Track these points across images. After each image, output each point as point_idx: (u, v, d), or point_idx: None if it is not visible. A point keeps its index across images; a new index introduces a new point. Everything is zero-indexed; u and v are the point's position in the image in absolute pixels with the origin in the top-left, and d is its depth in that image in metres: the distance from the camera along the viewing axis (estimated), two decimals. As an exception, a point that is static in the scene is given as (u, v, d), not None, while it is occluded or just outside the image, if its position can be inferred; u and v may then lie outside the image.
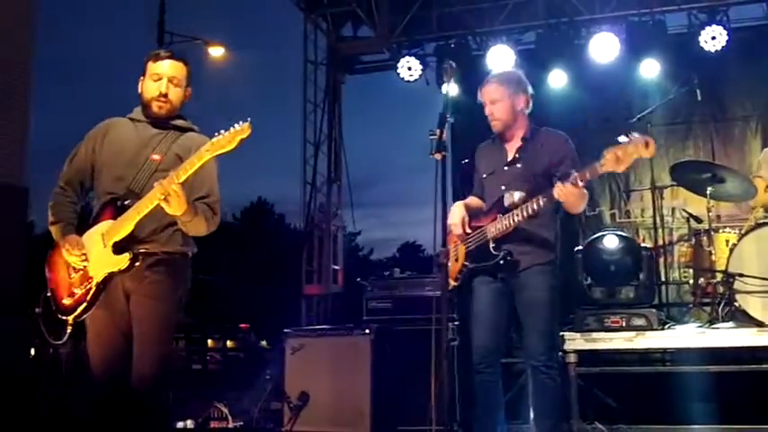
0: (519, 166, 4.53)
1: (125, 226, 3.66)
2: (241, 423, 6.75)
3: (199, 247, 3.97)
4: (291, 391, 6.36)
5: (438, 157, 3.75)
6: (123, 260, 3.64)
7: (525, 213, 4.27)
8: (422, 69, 10.49)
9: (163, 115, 3.88)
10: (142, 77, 3.93)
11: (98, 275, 3.67)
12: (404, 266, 7.21)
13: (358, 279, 6.99)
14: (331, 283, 11.13)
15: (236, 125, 3.45)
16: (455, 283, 4.59)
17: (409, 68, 10.49)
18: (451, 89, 4.18)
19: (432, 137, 3.81)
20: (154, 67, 3.88)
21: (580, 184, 4.01)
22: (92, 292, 3.67)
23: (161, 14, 12.67)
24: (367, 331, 6.30)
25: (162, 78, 3.86)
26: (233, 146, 3.45)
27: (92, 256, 3.70)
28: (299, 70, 11.54)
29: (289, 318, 11.15)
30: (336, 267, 11.33)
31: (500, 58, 9.79)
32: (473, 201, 4.78)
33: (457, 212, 4.60)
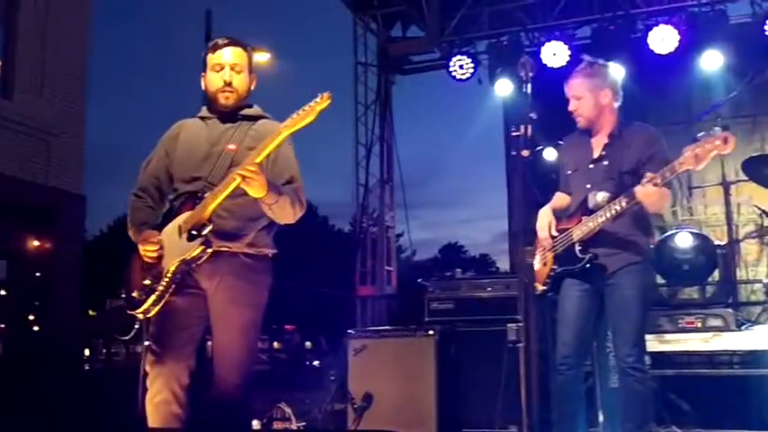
0: (605, 163, 4.34)
1: (202, 212, 3.50)
2: (304, 424, 6.64)
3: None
4: (355, 392, 6.25)
5: (525, 154, 3.56)
6: (195, 246, 3.48)
7: (609, 215, 4.11)
8: (473, 68, 10.32)
9: (230, 106, 3.73)
10: (203, 73, 3.79)
11: (171, 266, 3.54)
12: (445, 268, 7.08)
13: (419, 280, 6.86)
14: (385, 284, 11.02)
15: (315, 98, 3.28)
16: (544, 288, 4.42)
17: (461, 67, 10.33)
18: (506, 86, 3.94)
19: (515, 134, 3.63)
20: (214, 58, 3.73)
21: (658, 183, 3.84)
22: (163, 284, 3.54)
23: (207, 24, 12.68)
24: (431, 332, 6.17)
25: (224, 67, 3.71)
26: (312, 118, 3.28)
27: (167, 249, 3.58)
28: (348, 73, 11.49)
29: (340, 319, 11.07)
30: (389, 269, 11.23)
31: (554, 54, 9.57)
32: (561, 200, 4.58)
33: (543, 217, 4.43)
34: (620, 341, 4.19)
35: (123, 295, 3.69)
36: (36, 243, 10.61)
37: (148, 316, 3.58)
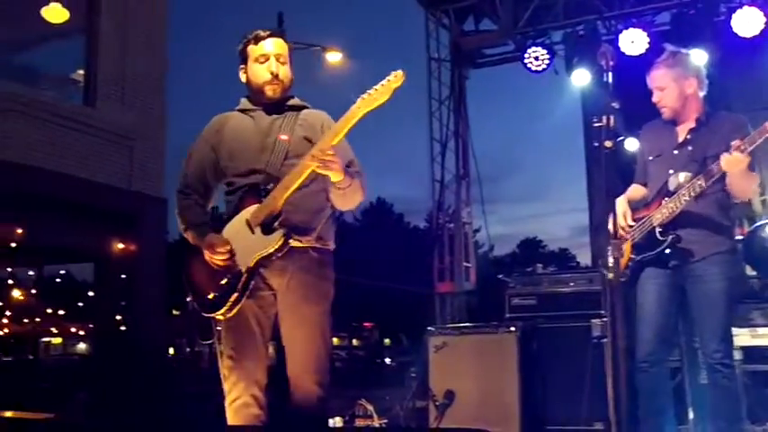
0: (690, 148, 4.20)
1: (274, 204, 3.42)
2: (386, 421, 6.64)
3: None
4: (436, 389, 6.21)
5: (608, 145, 3.46)
6: (276, 239, 3.39)
7: (692, 193, 3.97)
8: (549, 59, 10.15)
9: (277, 98, 3.64)
10: (243, 66, 3.70)
11: (248, 263, 3.43)
12: (524, 263, 6.97)
13: (499, 276, 6.77)
14: (463, 280, 10.94)
15: (388, 76, 3.23)
16: (621, 280, 4.29)
17: (536, 58, 10.18)
18: (583, 76, 3.83)
19: (597, 125, 3.52)
20: (257, 50, 3.64)
21: (745, 149, 3.71)
22: (242, 281, 3.44)
23: (279, 26, 12.80)
24: (512, 329, 6.08)
25: (269, 58, 3.63)
26: (387, 96, 3.22)
27: (238, 247, 3.46)
28: (421, 69, 11.44)
29: (419, 316, 11.05)
30: (468, 265, 11.15)
31: (633, 41, 9.34)
32: (636, 191, 4.45)
33: (618, 207, 4.29)
34: (706, 336, 4.04)
35: (191, 298, 3.60)
36: (121, 246, 10.87)
37: (228, 316, 3.49)
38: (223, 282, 3.47)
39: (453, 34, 11.50)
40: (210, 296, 3.50)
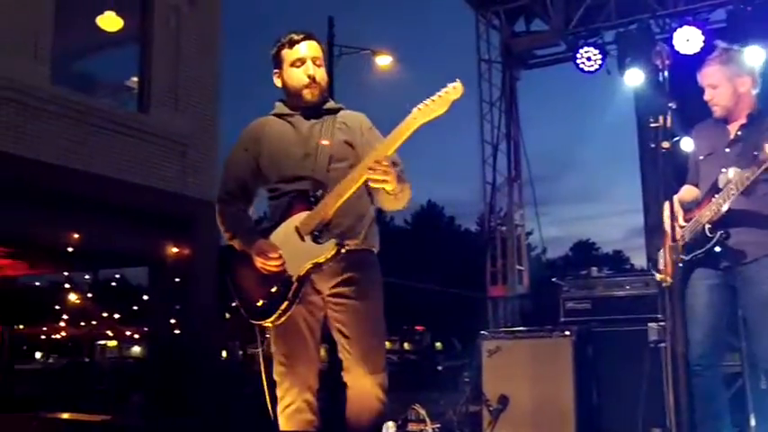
0: (741, 145, 4.09)
1: (325, 212, 3.39)
2: (439, 425, 6.61)
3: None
4: (490, 394, 6.17)
5: (666, 146, 3.39)
6: (329, 248, 3.35)
7: (740, 185, 3.87)
8: (601, 59, 10.05)
9: (315, 101, 3.61)
10: (278, 70, 3.66)
11: (299, 270, 3.39)
12: (577, 265, 6.89)
13: (553, 279, 6.71)
14: (516, 283, 10.87)
15: (446, 87, 3.17)
16: (671, 281, 4.20)
17: (588, 59, 10.10)
18: (637, 76, 3.76)
19: (654, 125, 3.46)
20: (292, 54, 3.60)
21: None
22: (293, 289, 3.39)
23: (330, 31, 12.87)
24: (567, 333, 6.02)
25: (305, 62, 3.59)
26: (445, 109, 3.16)
27: (287, 254, 3.41)
28: (472, 71, 11.42)
29: (472, 320, 11.01)
30: (521, 268, 11.08)
31: (687, 40, 9.19)
32: (688, 192, 4.36)
33: (668, 208, 4.21)
34: (759, 342, 3.94)
35: (238, 303, 3.56)
36: (175, 250, 11.01)
37: (277, 324, 3.45)
38: (273, 290, 3.42)
39: (504, 35, 11.45)
40: (259, 303, 3.46)
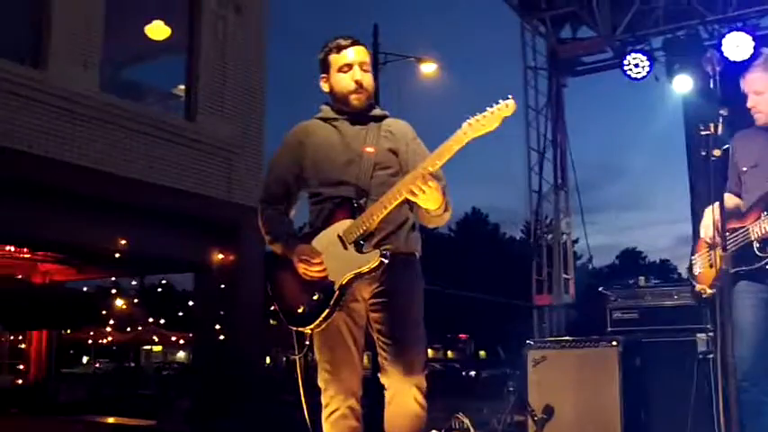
0: None
1: (370, 222, 3.37)
2: (483, 435, 6.58)
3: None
4: (535, 404, 6.12)
5: (717, 153, 3.34)
6: (373, 258, 3.34)
7: None
8: (649, 65, 9.98)
9: (362, 107, 3.61)
10: (325, 75, 3.67)
11: (341, 278, 3.37)
12: (624, 274, 6.81)
13: (600, 288, 6.64)
14: (562, 292, 10.80)
15: (497, 103, 3.15)
16: (712, 292, 4.13)
17: (636, 65, 10.03)
18: (685, 82, 3.70)
19: (705, 132, 3.41)
20: (340, 59, 3.61)
21: None
22: (335, 297, 3.38)
23: (375, 39, 12.94)
24: (614, 343, 5.95)
25: (352, 67, 3.60)
26: (495, 125, 3.14)
27: (329, 261, 3.40)
28: (517, 78, 11.40)
29: (517, 329, 10.94)
30: (567, 277, 11.01)
31: (737, 46, 9.07)
32: (729, 200, 4.28)
33: (709, 215, 4.11)
34: None
35: (277, 308, 3.55)
36: (220, 256, 11.11)
37: (318, 331, 3.46)
38: (315, 297, 3.41)
39: (550, 42, 11.42)
40: (300, 309, 3.46)
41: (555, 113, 11.34)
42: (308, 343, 3.53)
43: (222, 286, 11.13)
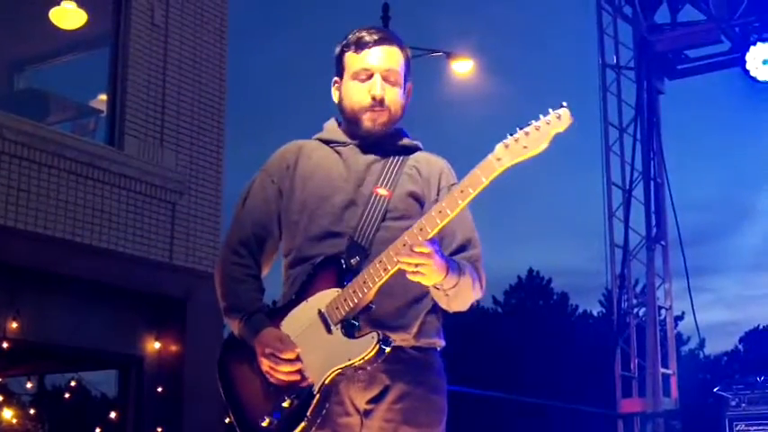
0: None
1: (363, 293, 3.35)
2: None
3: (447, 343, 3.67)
4: None
5: None
6: (367, 347, 3.31)
7: None
8: (785, 63, 10.15)
9: (379, 131, 3.62)
10: (337, 80, 3.72)
11: (321, 376, 3.38)
12: (754, 366, 6.89)
13: (716, 389, 6.72)
14: (660, 394, 10.83)
15: (546, 115, 3.11)
16: None
17: (764, 62, 10.17)
18: None
19: None
20: (357, 61, 3.63)
21: None
22: (314, 404, 3.37)
23: (384, 23, 13.18)
24: (739, 470, 6.00)
25: (372, 75, 3.60)
26: (543, 146, 3.13)
27: (306, 351, 3.41)
28: (591, 80, 11.55)
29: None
30: (667, 371, 11.04)
31: None
32: None
33: None
34: None
35: (233, 421, 3.54)
36: (157, 345, 11.07)
37: None
38: (285, 404, 3.42)
39: (640, 29, 11.57)
40: (264, 423, 3.44)
41: (647, 132, 11.45)
42: None
43: (159, 389, 11.12)
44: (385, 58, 3.63)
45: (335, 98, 3.72)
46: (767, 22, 10.46)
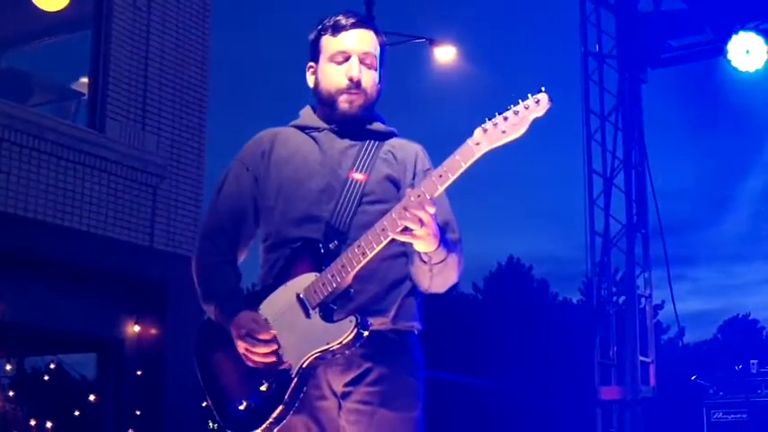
0: None
1: (342, 277, 3.40)
2: None
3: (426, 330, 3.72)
4: None
5: None
6: (345, 330, 3.35)
7: None
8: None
9: (355, 114, 3.68)
10: (312, 64, 3.78)
11: (299, 359, 3.42)
12: (731, 356, 6.93)
13: (693, 377, 6.75)
14: (639, 382, 10.87)
15: (525, 100, 3.18)
16: None
17: (747, 51, 10.20)
18: None
19: None
20: (334, 43, 3.70)
21: None
22: (292, 387, 3.42)
23: (367, 9, 13.15)
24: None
25: (350, 58, 3.67)
26: (521, 131, 3.19)
27: (284, 335, 3.46)
28: (572, 68, 11.56)
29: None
30: (646, 359, 11.07)
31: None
32: None
33: None
34: None
35: (210, 405, 3.59)
36: (137, 329, 11.05)
37: None
38: (262, 387, 3.47)
39: (623, 18, 11.58)
40: (242, 407, 3.50)
41: (629, 121, 11.48)
42: None
43: (139, 372, 11.11)
44: (361, 40, 3.71)
45: (311, 83, 3.79)
46: (749, 12, 10.48)
